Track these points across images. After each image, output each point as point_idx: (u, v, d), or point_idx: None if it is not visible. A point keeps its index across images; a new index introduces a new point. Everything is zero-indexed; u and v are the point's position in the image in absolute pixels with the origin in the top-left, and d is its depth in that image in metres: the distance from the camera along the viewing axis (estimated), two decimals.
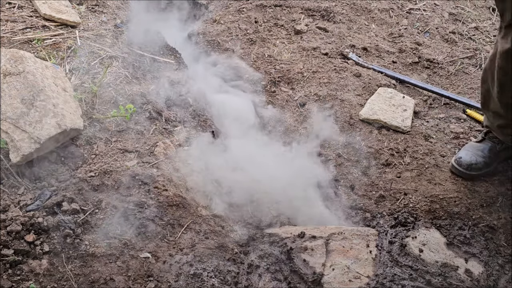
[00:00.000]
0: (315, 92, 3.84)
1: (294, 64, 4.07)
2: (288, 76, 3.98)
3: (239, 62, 4.07)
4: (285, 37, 4.35)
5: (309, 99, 3.81)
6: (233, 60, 4.09)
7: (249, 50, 4.18)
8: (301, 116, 3.73)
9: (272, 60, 4.11)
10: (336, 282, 2.64)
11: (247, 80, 3.96)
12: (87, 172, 2.75)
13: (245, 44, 4.25)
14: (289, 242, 2.81)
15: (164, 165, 2.94)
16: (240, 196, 3.02)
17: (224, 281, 2.55)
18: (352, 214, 3.16)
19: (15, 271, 2.30)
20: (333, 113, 3.66)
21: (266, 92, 3.89)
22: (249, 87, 3.91)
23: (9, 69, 2.81)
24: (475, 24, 4.66)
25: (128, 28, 3.87)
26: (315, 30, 4.42)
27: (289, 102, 3.84)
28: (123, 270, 2.44)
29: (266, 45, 4.24)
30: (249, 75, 3.98)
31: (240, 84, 3.94)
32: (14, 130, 2.69)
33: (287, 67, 4.02)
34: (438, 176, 3.29)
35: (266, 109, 3.78)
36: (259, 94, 3.87)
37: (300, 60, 4.10)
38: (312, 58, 4.11)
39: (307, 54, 4.15)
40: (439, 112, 3.81)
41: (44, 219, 2.48)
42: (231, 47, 4.22)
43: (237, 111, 3.71)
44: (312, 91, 3.84)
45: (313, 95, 3.82)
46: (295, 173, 3.20)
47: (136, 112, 3.18)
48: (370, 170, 3.39)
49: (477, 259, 2.87)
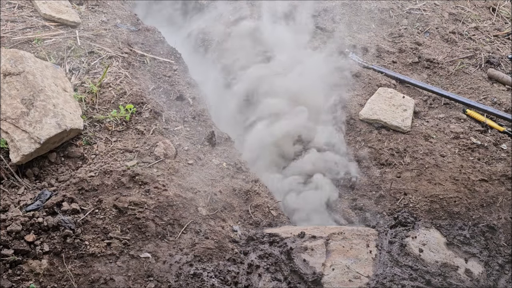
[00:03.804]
0: None
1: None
2: None
3: None
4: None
5: None
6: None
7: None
8: None
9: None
10: (336, 282, 2.64)
11: None
12: (87, 172, 2.75)
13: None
14: (289, 242, 2.81)
15: (164, 165, 2.94)
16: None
17: (224, 281, 2.55)
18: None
19: (15, 271, 2.30)
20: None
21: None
22: None
23: (9, 69, 2.81)
24: (475, 24, 4.66)
25: (128, 28, 3.87)
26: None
27: None
28: (123, 270, 2.44)
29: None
30: None
31: None
32: (14, 130, 2.69)
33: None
34: (438, 176, 3.29)
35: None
36: None
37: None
38: None
39: None
40: (439, 112, 3.81)
41: (44, 219, 2.48)
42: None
43: None
44: None
45: None
46: None
47: (136, 112, 3.18)
48: (370, 170, 3.40)
49: (477, 259, 2.87)
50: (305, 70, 3.96)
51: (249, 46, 4.15)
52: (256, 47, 4.15)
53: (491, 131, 3.65)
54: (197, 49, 4.34)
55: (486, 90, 3.98)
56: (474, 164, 3.38)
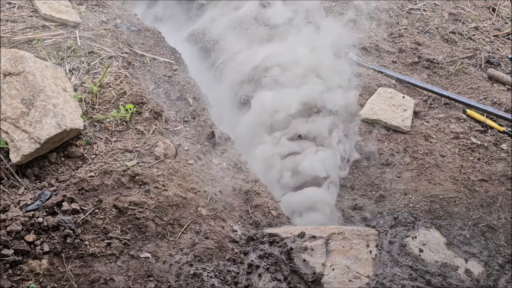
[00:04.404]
0: None
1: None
2: None
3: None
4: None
5: None
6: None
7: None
8: None
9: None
10: (336, 282, 2.64)
11: None
12: (87, 172, 2.75)
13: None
14: (289, 242, 2.81)
15: (164, 165, 2.94)
16: None
17: (224, 281, 2.55)
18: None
19: (15, 271, 2.30)
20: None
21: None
22: None
23: (9, 69, 2.81)
24: (475, 24, 4.66)
25: (128, 28, 3.87)
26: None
27: None
28: (123, 270, 2.45)
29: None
30: None
31: None
32: (14, 130, 2.69)
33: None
34: (438, 176, 3.29)
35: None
36: None
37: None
38: None
39: None
40: (439, 112, 3.81)
41: (44, 219, 2.48)
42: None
43: None
44: None
45: None
46: None
47: (136, 112, 3.18)
48: (370, 170, 3.40)
49: (477, 259, 2.88)
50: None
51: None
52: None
53: (491, 131, 3.65)
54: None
55: (486, 90, 3.98)
56: (474, 164, 3.38)
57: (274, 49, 4.10)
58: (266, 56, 4.05)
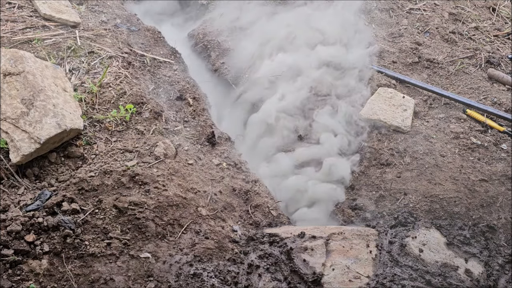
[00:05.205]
0: None
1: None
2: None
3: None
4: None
5: None
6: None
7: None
8: None
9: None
10: (336, 282, 2.64)
11: None
12: (87, 172, 2.75)
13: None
14: (289, 242, 2.81)
15: (164, 165, 2.94)
16: None
17: (224, 281, 2.55)
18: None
19: (15, 271, 2.30)
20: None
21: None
22: None
23: (9, 69, 2.81)
24: (475, 24, 4.66)
25: (128, 28, 3.87)
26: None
27: None
28: (123, 270, 2.44)
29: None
30: None
31: None
32: (14, 130, 2.69)
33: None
34: (438, 176, 3.29)
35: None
36: None
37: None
38: None
39: None
40: (439, 112, 3.81)
41: (44, 219, 2.48)
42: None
43: None
44: None
45: None
46: None
47: (136, 112, 3.18)
48: (370, 170, 3.40)
49: (477, 259, 2.88)
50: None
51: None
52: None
53: (491, 131, 3.65)
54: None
55: (486, 90, 3.98)
56: (474, 164, 3.38)
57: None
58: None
